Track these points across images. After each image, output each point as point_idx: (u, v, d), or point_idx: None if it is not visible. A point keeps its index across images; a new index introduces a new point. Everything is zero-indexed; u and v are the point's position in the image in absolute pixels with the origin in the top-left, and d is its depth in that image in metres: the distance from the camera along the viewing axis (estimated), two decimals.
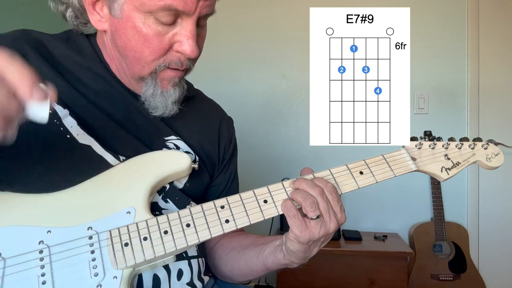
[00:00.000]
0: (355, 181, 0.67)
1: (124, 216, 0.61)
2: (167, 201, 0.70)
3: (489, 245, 2.21)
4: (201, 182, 0.78)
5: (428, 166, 0.71)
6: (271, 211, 0.64)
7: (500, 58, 2.25)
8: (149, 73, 0.68)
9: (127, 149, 0.68)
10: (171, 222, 0.61)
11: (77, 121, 0.65)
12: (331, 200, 0.63)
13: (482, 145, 0.74)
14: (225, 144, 0.85)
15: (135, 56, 0.67)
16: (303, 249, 0.63)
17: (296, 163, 2.29)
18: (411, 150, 0.72)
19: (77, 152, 0.64)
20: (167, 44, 0.65)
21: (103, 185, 0.63)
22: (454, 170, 0.72)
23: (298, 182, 0.64)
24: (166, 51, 0.66)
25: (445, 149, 0.73)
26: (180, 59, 0.67)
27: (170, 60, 0.67)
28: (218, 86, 2.31)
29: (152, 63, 0.67)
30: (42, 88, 0.45)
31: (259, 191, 0.65)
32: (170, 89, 0.71)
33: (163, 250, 0.59)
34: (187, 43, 0.65)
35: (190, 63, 0.70)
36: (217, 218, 0.62)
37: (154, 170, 0.66)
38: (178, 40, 0.65)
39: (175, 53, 0.67)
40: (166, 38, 0.65)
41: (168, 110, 0.72)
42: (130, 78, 0.71)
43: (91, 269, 0.57)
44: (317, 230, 0.61)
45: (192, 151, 0.76)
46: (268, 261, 0.70)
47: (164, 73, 0.69)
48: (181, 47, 0.65)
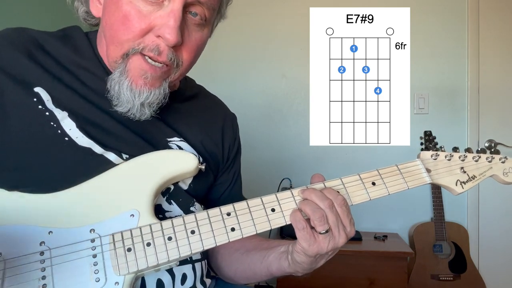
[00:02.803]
0: (366, 192, 0.65)
1: (127, 219, 0.59)
2: (171, 202, 0.69)
3: (489, 245, 2.21)
4: (206, 182, 0.77)
5: (443, 179, 0.69)
6: (279, 221, 0.62)
7: (500, 58, 2.24)
8: (121, 55, 0.62)
9: (131, 148, 0.66)
10: (176, 228, 0.59)
11: (76, 123, 0.63)
12: (341, 213, 0.60)
13: (500, 158, 0.71)
14: (229, 143, 0.83)
15: (111, 35, 0.62)
16: (310, 261, 0.62)
17: (296, 163, 2.29)
18: (426, 161, 0.69)
19: (77, 155, 0.62)
20: (146, 25, 0.60)
21: (107, 185, 0.62)
22: (469, 184, 0.69)
23: (308, 192, 0.62)
24: (143, 32, 0.60)
25: (461, 161, 0.70)
26: (159, 46, 0.61)
27: (146, 44, 0.61)
28: (218, 86, 2.30)
29: (126, 43, 0.61)
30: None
31: (267, 198, 0.63)
32: (142, 86, 0.63)
33: (166, 257, 0.58)
34: (167, 25, 0.59)
35: (173, 56, 0.62)
36: (223, 225, 0.61)
37: (160, 171, 0.64)
38: (157, 25, 0.60)
39: (154, 37, 0.61)
40: (147, 19, 0.60)
41: (135, 111, 0.64)
42: (110, 66, 0.66)
43: (92, 273, 0.56)
44: (326, 244, 0.59)
45: (196, 152, 0.75)
46: (273, 267, 0.69)
47: (135, 60, 0.62)
48: (160, 29, 0.60)
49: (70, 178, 0.61)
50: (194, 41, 0.65)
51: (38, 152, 0.62)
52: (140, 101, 0.63)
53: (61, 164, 0.62)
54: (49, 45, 0.68)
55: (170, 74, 0.66)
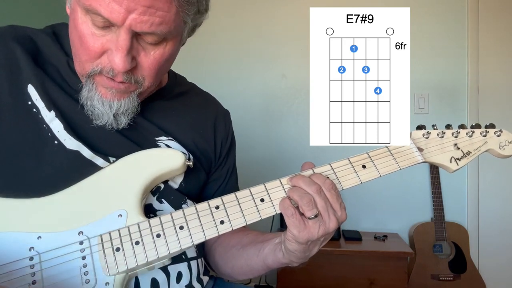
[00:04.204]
0: (357, 175, 0.64)
1: (115, 219, 0.59)
2: (161, 201, 0.68)
3: (489, 245, 2.21)
4: (198, 180, 0.77)
5: (436, 157, 0.67)
6: (269, 210, 0.62)
7: (500, 58, 2.24)
8: (86, 75, 0.62)
9: (118, 150, 0.66)
10: (164, 225, 0.59)
11: (64, 124, 0.63)
12: (330, 197, 0.60)
13: (495, 132, 0.69)
14: (222, 140, 0.83)
15: (74, 52, 0.63)
16: (302, 249, 0.62)
17: (296, 163, 2.27)
18: (418, 140, 0.67)
19: (65, 159, 0.62)
20: (100, 48, 0.59)
21: (94, 187, 0.61)
22: (464, 160, 0.67)
23: (295, 179, 0.62)
24: (99, 55, 0.60)
25: (454, 137, 0.68)
26: (113, 69, 0.60)
27: (103, 66, 0.60)
28: (218, 86, 2.31)
29: (86, 63, 0.61)
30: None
31: (255, 189, 0.63)
32: (111, 99, 0.63)
33: (155, 254, 0.57)
34: (115, 54, 0.58)
35: (128, 77, 0.61)
36: (212, 219, 0.60)
37: (146, 170, 0.64)
38: (109, 48, 0.59)
39: (107, 59, 0.60)
40: (100, 42, 0.59)
41: (111, 122, 0.65)
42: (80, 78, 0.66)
43: (82, 275, 0.56)
44: (316, 229, 0.59)
45: (186, 150, 0.74)
46: (268, 260, 0.69)
47: (99, 79, 0.62)
48: (110, 55, 0.59)
49: (58, 182, 0.61)
50: (153, 59, 0.62)
51: (28, 156, 0.62)
52: (113, 112, 0.64)
53: (49, 168, 0.62)
54: (41, 42, 0.68)
55: (136, 89, 0.65)
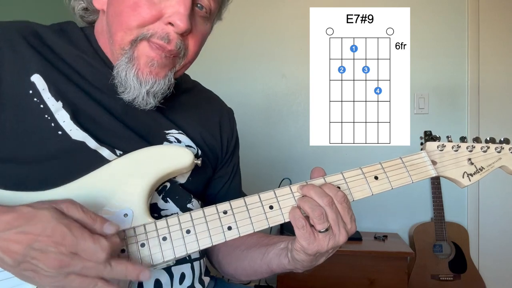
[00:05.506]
0: (369, 187, 0.62)
1: (121, 219, 0.58)
2: (167, 200, 0.68)
3: (489, 245, 2.21)
4: (204, 176, 0.76)
5: (449, 172, 0.65)
6: (277, 218, 0.60)
7: (500, 58, 2.24)
8: (130, 41, 0.62)
9: (125, 144, 0.65)
10: (171, 228, 0.58)
11: (70, 114, 0.62)
12: (341, 210, 0.59)
13: (510, 148, 0.67)
14: (228, 137, 0.83)
15: (120, 21, 0.63)
16: (310, 259, 0.61)
17: (296, 163, 2.29)
18: (432, 152, 0.66)
19: (70, 149, 0.61)
20: (157, 13, 0.61)
21: (100, 183, 0.60)
22: (476, 176, 0.65)
23: (307, 188, 0.60)
24: (154, 19, 0.62)
25: (469, 152, 0.66)
26: (169, 34, 0.62)
27: (155, 31, 0.62)
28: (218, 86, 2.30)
29: (135, 29, 0.62)
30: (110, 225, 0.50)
31: (264, 195, 0.61)
32: (147, 75, 0.63)
33: (161, 258, 0.56)
34: (178, 12, 0.61)
35: (181, 45, 0.64)
36: (220, 224, 0.59)
37: (154, 167, 0.62)
38: (169, 11, 0.61)
39: (164, 25, 0.62)
40: (157, 7, 0.61)
41: (140, 99, 0.65)
42: (116, 54, 0.66)
43: None
44: (326, 242, 0.58)
45: (195, 145, 0.74)
46: (273, 264, 0.69)
47: (143, 47, 0.63)
48: (171, 17, 0.61)
49: (62, 174, 0.60)
50: (200, 32, 0.67)
51: (31, 146, 0.61)
52: (146, 89, 0.64)
53: (53, 159, 0.61)
54: (47, 36, 0.68)
55: (176, 64, 0.66)
